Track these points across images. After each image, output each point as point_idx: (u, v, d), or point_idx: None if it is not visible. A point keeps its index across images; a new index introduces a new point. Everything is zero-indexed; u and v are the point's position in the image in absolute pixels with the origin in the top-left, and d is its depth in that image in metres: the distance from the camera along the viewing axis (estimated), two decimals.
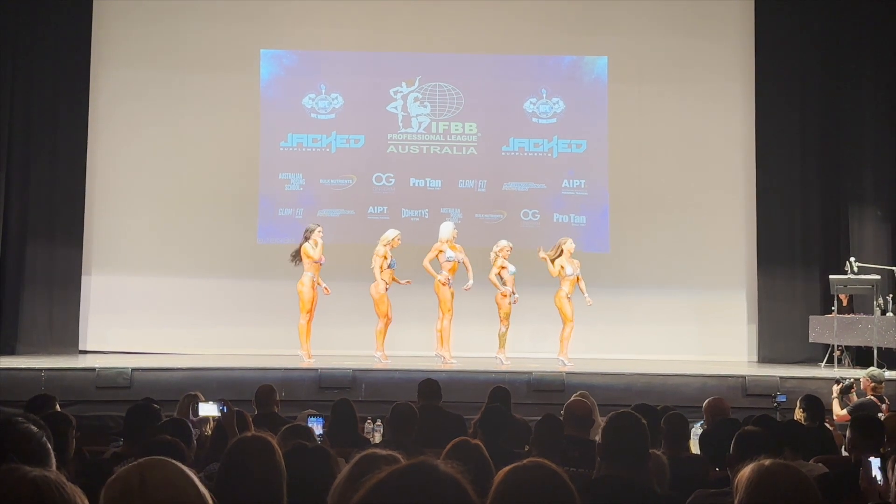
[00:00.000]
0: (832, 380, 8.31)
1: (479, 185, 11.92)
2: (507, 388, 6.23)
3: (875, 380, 7.61)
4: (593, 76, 12.12)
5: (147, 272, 11.40)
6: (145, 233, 11.47)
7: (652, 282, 11.63)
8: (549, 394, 8.53)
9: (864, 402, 7.15)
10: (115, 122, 11.58)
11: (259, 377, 7.99)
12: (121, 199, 11.51)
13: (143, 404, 4.77)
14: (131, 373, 8.72)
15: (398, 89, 11.93)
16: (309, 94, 11.91)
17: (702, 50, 11.95)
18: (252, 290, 11.40)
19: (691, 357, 11.05)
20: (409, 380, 8.00)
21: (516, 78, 12.03)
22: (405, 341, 10.44)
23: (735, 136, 11.90)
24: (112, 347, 11.05)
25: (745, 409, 7.44)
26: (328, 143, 11.90)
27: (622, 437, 3.22)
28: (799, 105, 11.77)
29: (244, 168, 11.70)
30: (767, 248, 11.70)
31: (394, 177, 11.86)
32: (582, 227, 11.72)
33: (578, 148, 12.03)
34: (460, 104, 11.96)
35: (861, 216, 11.42)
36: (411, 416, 4.60)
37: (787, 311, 11.52)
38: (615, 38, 11.96)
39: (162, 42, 11.64)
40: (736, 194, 11.88)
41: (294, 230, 11.39)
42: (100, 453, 4.59)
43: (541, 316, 10.36)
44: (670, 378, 9.09)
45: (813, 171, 11.76)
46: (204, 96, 11.66)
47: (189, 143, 11.62)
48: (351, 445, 4.71)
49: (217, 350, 10.76)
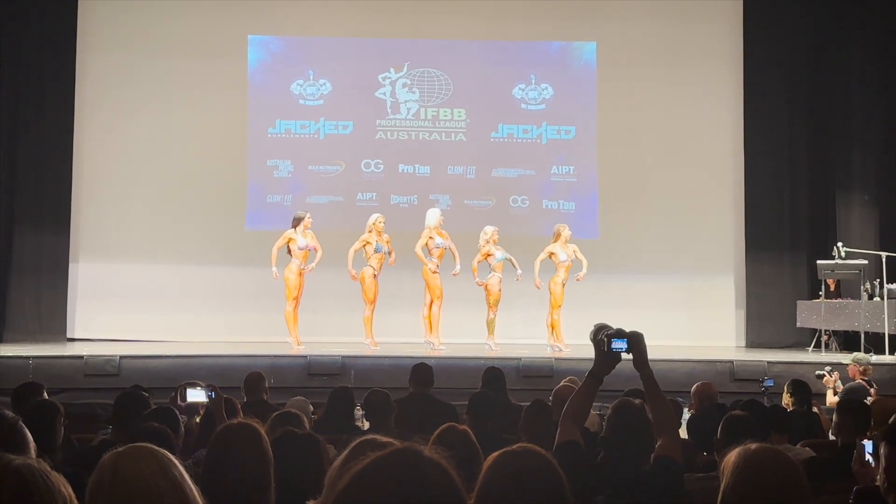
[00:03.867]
0: (819, 364, 8.37)
1: (467, 172, 11.91)
2: (500, 369, 6.25)
3: (861, 363, 7.65)
4: (582, 62, 12.10)
5: (135, 259, 11.36)
6: (133, 219, 11.42)
7: (641, 268, 11.66)
8: (538, 379, 8.55)
9: (854, 387, 7.19)
10: (102, 109, 11.51)
11: (248, 364, 7.98)
12: (108, 186, 11.46)
13: (132, 392, 4.76)
14: (119, 360, 8.70)
15: (387, 75, 11.89)
16: (297, 80, 11.86)
17: (690, 36, 11.95)
18: (241, 277, 11.37)
19: (680, 342, 11.07)
20: (398, 366, 8.00)
21: (505, 64, 12.00)
22: (394, 328, 10.44)
23: (723, 122, 11.92)
24: (100, 335, 11.02)
25: (734, 394, 7.48)
26: (316, 129, 11.86)
27: (627, 428, 3.20)
28: (787, 91, 11.80)
29: (232, 154, 11.66)
30: (755, 234, 11.75)
31: (382, 163, 11.83)
32: (571, 214, 11.72)
33: (567, 134, 12.03)
34: (449, 90, 11.93)
35: (848, 201, 11.47)
36: (386, 403, 4.60)
37: (775, 296, 11.57)
38: (603, 23, 11.95)
39: (149, 27, 11.57)
40: (724, 180, 11.91)
41: (283, 217, 11.36)
42: (88, 441, 4.58)
43: (531, 302, 10.37)
44: (658, 363, 8.93)
45: (800, 157, 11.81)
46: (191, 82, 11.60)
47: (176, 129, 11.56)
48: (342, 433, 4.72)
49: (206, 337, 10.73)
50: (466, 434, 3.26)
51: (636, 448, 3.17)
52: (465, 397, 5.30)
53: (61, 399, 6.82)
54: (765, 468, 2.07)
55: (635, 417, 3.25)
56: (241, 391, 5.89)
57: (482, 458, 2.78)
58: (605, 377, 3.14)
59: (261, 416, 4.09)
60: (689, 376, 8.02)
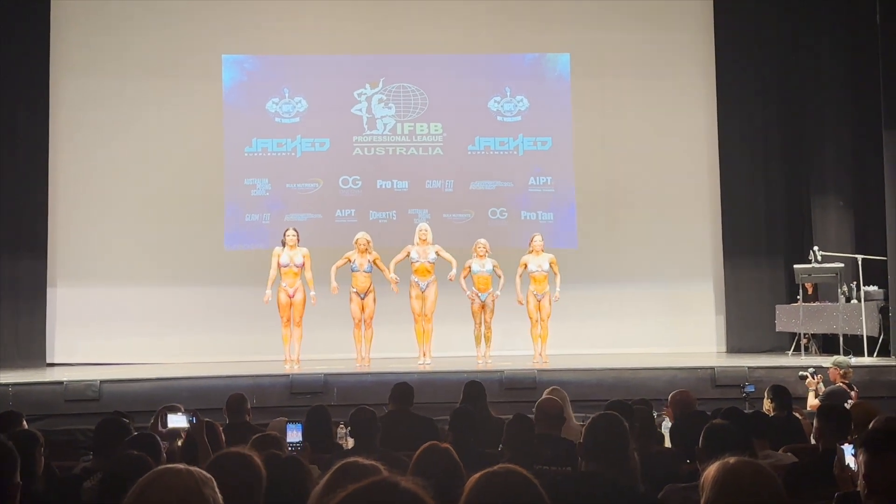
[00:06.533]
0: (799, 368, 8.42)
1: (445, 185, 11.94)
2: (481, 383, 6.25)
3: (841, 367, 7.70)
4: (556, 73, 12.17)
5: (113, 282, 11.29)
6: (111, 242, 11.36)
7: (620, 276, 11.71)
8: (521, 391, 8.55)
9: (835, 390, 7.23)
10: (77, 131, 11.46)
11: (229, 385, 7.95)
12: (85, 210, 11.39)
13: (113, 418, 4.72)
14: (100, 385, 8.62)
15: (362, 91, 11.91)
16: (272, 98, 11.85)
17: (663, 45, 12.04)
18: (220, 298, 11.34)
19: (661, 349, 11.13)
20: (381, 382, 7.99)
21: (480, 77, 12.05)
22: (377, 344, 10.42)
23: (698, 130, 12.01)
24: (80, 359, 10.94)
25: (715, 401, 7.52)
26: (293, 147, 11.85)
27: (604, 438, 3.26)
28: (760, 97, 11.91)
29: (209, 174, 11.62)
30: (733, 240, 11.83)
31: (360, 179, 11.83)
32: (549, 224, 11.77)
33: (544, 145, 12.08)
34: (425, 104, 11.96)
35: (824, 205, 11.56)
36: (371, 421, 4.59)
37: (754, 301, 11.65)
38: (576, 34, 12.03)
39: (122, 49, 11.54)
40: (700, 187, 12.00)
41: (261, 236, 11.37)
42: (69, 469, 4.55)
43: (511, 314, 10.37)
44: (640, 372, 9.15)
45: (775, 163, 11.91)
46: (166, 103, 11.57)
47: (152, 150, 11.52)
48: (324, 452, 4.71)
49: (187, 359, 10.68)
50: (448, 452, 3.26)
51: (613, 457, 3.20)
52: (447, 412, 5.30)
53: (42, 426, 6.79)
54: (744, 482, 2.09)
55: (613, 428, 3.27)
56: (223, 413, 5.86)
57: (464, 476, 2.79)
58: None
59: (243, 439, 4.08)
60: (670, 384, 8.05)
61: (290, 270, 9.74)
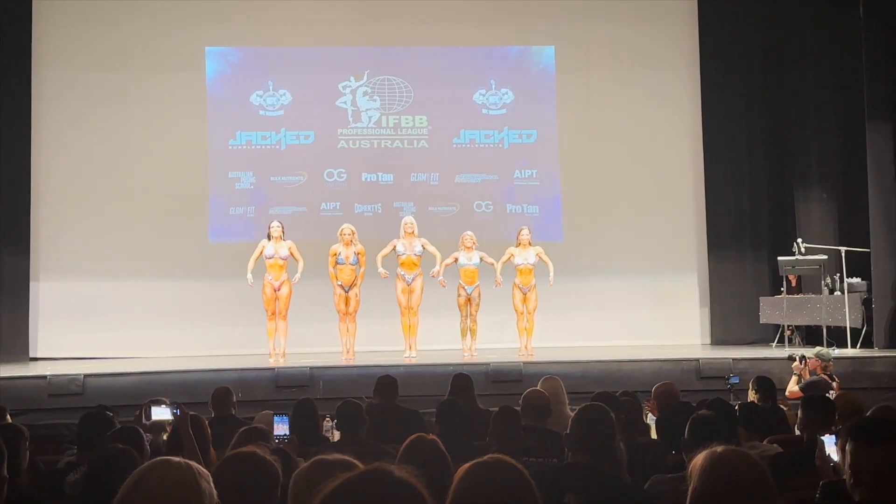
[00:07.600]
0: (783, 359, 8.47)
1: (431, 178, 11.93)
2: (468, 375, 6.26)
3: (823, 359, 7.76)
4: (541, 66, 12.17)
5: (97, 276, 11.22)
6: (94, 236, 11.29)
7: (605, 269, 11.74)
8: (507, 384, 8.56)
9: (816, 381, 7.28)
10: (59, 125, 11.38)
11: (215, 379, 7.92)
12: (67, 203, 11.32)
13: (96, 412, 4.70)
14: (84, 379, 8.57)
15: (347, 84, 11.87)
16: (256, 91, 11.80)
17: (647, 38, 12.06)
18: (205, 291, 11.30)
19: (647, 342, 11.16)
20: (367, 375, 7.97)
21: (465, 70, 12.03)
22: (363, 337, 10.40)
23: (682, 123, 12.04)
24: (64, 354, 10.86)
25: (700, 392, 7.56)
26: (278, 140, 11.81)
27: (591, 429, 3.29)
28: (744, 90, 11.95)
29: (193, 167, 11.57)
30: (717, 232, 11.88)
31: (345, 172, 11.81)
32: (535, 217, 11.77)
33: (529, 138, 12.09)
34: (410, 97, 11.93)
35: (807, 198, 11.62)
36: (357, 414, 4.59)
37: (738, 293, 11.70)
38: (561, 28, 12.03)
39: (104, 42, 11.45)
40: (684, 180, 12.03)
41: (246, 229, 11.33)
42: (54, 463, 4.53)
43: (497, 307, 10.38)
44: (626, 364, 9.18)
45: (759, 156, 11.96)
46: (149, 96, 11.50)
47: (136, 143, 11.45)
48: (310, 445, 4.70)
49: (171, 352, 10.63)
50: (435, 443, 3.26)
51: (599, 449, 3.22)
52: (433, 405, 5.29)
53: (26, 420, 6.76)
54: (732, 470, 2.10)
55: (600, 419, 3.28)
56: (208, 406, 5.85)
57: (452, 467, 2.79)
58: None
59: (229, 432, 4.07)
60: (655, 376, 8.07)
61: (275, 263, 9.72)
